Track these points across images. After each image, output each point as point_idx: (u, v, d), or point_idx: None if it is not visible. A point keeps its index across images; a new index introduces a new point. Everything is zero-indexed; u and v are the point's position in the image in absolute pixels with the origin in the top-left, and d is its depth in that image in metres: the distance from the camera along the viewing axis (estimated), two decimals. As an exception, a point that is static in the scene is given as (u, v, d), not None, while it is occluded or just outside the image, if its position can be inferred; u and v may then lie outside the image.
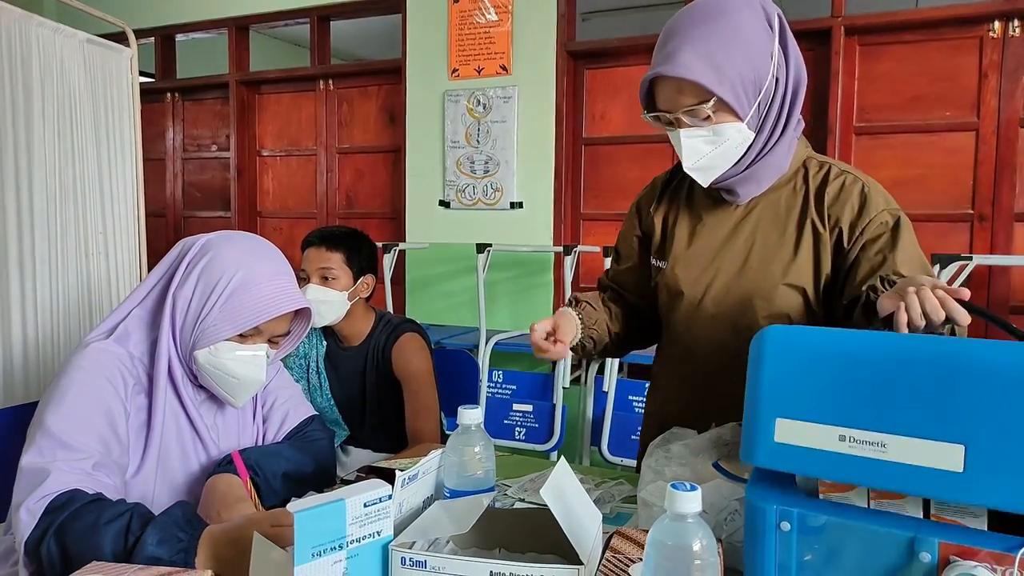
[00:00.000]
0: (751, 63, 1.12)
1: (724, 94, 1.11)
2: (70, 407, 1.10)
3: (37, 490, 1.00)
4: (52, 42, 1.99)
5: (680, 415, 1.27)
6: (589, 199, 3.81)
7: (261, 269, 1.21)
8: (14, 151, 1.89)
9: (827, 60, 3.20)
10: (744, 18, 1.13)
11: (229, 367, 1.19)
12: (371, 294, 2.06)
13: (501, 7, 3.73)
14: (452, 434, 0.98)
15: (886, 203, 1.21)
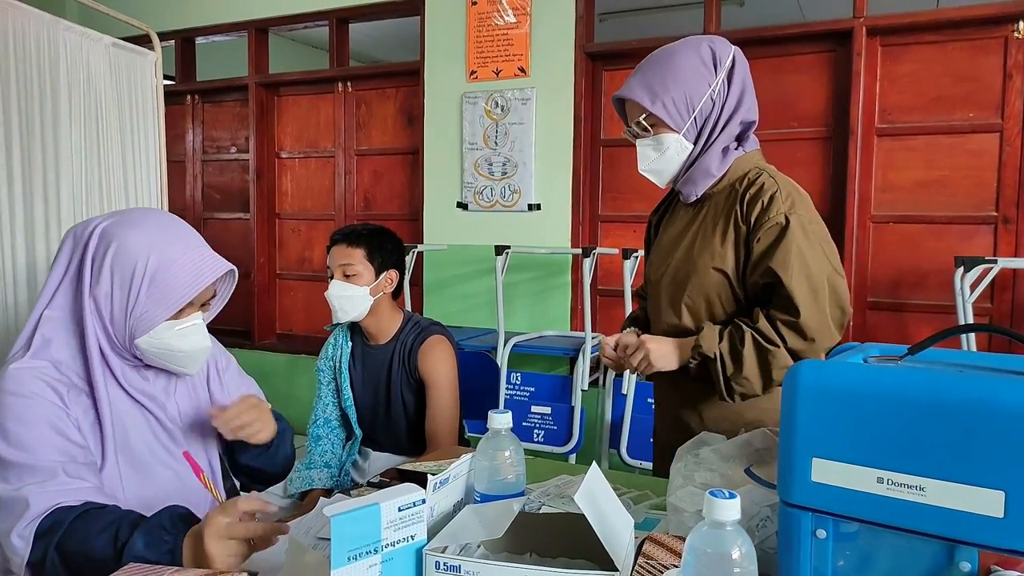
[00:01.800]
0: (683, 88, 1.44)
1: (657, 111, 1.45)
2: (16, 433, 1.11)
3: (23, 517, 1.04)
4: (79, 46, 2.02)
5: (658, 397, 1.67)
6: (607, 201, 3.80)
7: (172, 247, 1.22)
8: (42, 154, 1.91)
9: (848, 61, 3.18)
10: (684, 57, 1.46)
11: (174, 344, 1.22)
12: (396, 289, 2.07)
13: (519, 9, 3.74)
14: (482, 438, 0.98)
15: (790, 208, 1.38)
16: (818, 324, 1.35)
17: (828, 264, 1.39)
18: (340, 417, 2.14)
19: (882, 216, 3.22)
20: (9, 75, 1.81)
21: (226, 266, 1.28)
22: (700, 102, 1.44)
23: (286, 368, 4.48)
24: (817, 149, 3.34)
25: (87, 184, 2.05)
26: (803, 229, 1.36)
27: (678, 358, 1.46)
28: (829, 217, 3.30)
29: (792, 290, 1.34)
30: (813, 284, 1.35)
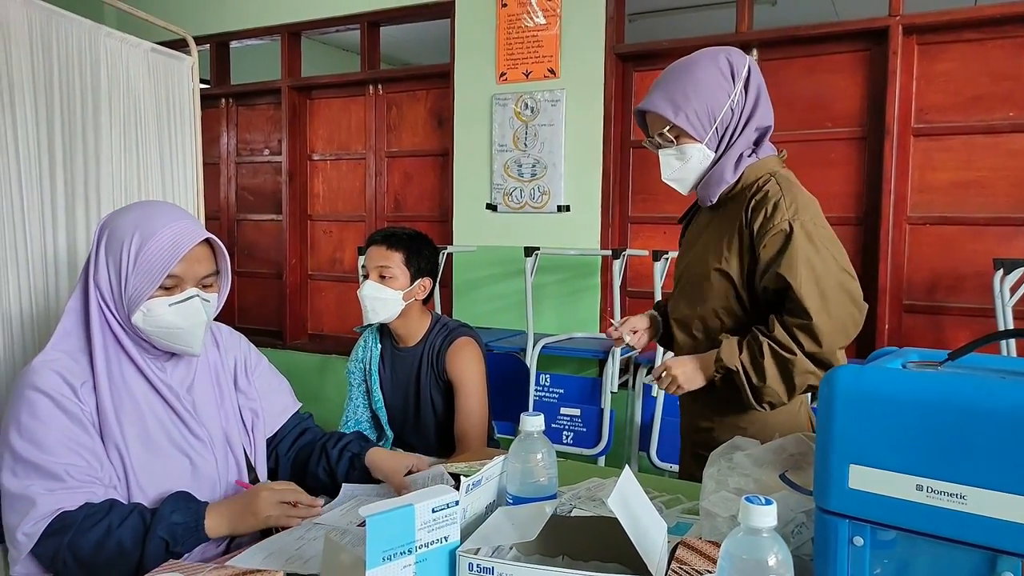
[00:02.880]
0: (705, 99, 1.49)
1: (680, 122, 1.50)
2: (29, 428, 1.17)
3: (27, 517, 1.11)
4: (119, 52, 2.06)
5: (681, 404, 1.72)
6: (637, 202, 3.78)
7: (154, 223, 1.25)
8: (83, 157, 1.95)
9: (884, 60, 3.13)
10: (704, 68, 1.51)
11: (168, 320, 1.24)
12: (428, 297, 2.08)
13: (549, 10, 3.74)
14: (514, 440, 0.98)
15: (793, 214, 1.41)
16: (830, 327, 1.38)
17: (836, 265, 1.41)
18: (371, 418, 2.16)
19: (918, 217, 3.16)
20: (53, 81, 1.85)
21: (203, 234, 1.28)
22: (721, 112, 1.50)
23: (317, 368, 4.53)
24: (852, 149, 3.29)
25: (126, 186, 2.09)
26: (807, 234, 1.40)
27: (704, 376, 1.50)
28: (864, 219, 3.25)
29: (802, 295, 1.37)
30: (821, 287, 1.38)
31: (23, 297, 1.77)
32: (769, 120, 1.54)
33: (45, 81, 1.83)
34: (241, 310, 4.84)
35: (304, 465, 1.51)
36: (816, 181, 3.34)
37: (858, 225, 3.29)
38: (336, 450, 1.50)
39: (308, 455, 1.52)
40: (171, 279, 1.25)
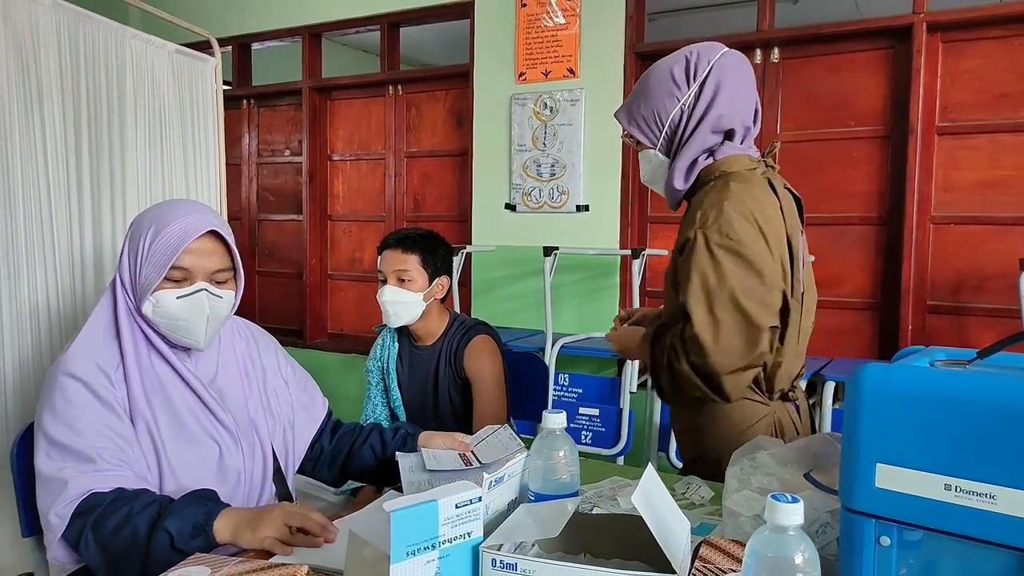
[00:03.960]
0: (653, 104, 1.49)
1: (632, 129, 1.55)
2: (64, 412, 1.19)
3: (59, 498, 1.13)
4: (144, 53, 2.09)
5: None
6: (656, 201, 3.77)
7: (168, 216, 1.28)
8: (109, 159, 1.98)
9: (908, 58, 3.10)
10: (658, 71, 1.52)
11: (172, 312, 1.26)
12: (446, 295, 2.09)
13: (569, 10, 3.73)
14: (536, 438, 0.99)
15: (703, 223, 1.38)
16: (715, 344, 1.35)
17: (734, 281, 1.36)
18: (389, 417, 2.17)
19: (943, 217, 3.13)
20: (80, 82, 1.88)
21: (208, 225, 1.28)
22: (669, 116, 1.49)
23: (337, 367, 4.55)
24: (875, 148, 3.25)
25: (150, 186, 2.12)
26: (708, 245, 1.37)
27: (635, 353, 1.58)
28: (887, 218, 3.22)
29: (689, 305, 1.37)
30: (711, 301, 1.36)
31: (51, 294, 1.80)
32: (730, 122, 1.47)
33: (72, 83, 1.85)
34: (262, 309, 4.88)
35: (348, 451, 1.52)
36: (838, 180, 3.32)
37: (881, 225, 3.25)
38: (390, 431, 1.53)
39: (352, 441, 1.53)
40: (180, 271, 1.26)
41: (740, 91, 1.48)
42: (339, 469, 1.53)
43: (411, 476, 1.33)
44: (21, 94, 1.71)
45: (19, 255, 1.72)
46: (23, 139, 1.72)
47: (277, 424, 1.43)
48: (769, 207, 1.43)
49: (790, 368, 1.49)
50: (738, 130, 1.49)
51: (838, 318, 3.35)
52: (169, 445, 1.25)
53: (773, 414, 1.48)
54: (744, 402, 1.45)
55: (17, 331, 1.70)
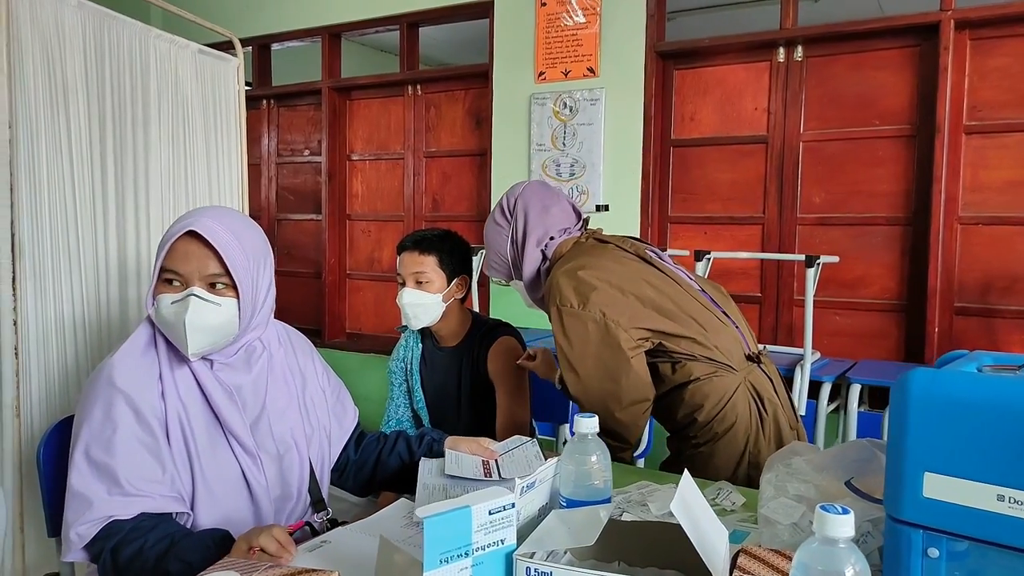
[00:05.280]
0: (493, 249, 1.86)
1: (492, 274, 1.92)
2: (100, 422, 1.19)
3: (82, 517, 1.13)
4: (168, 54, 2.09)
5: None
6: (677, 202, 3.73)
7: (183, 218, 1.26)
8: (133, 159, 1.98)
9: (935, 56, 3.05)
10: (489, 223, 1.87)
11: (165, 316, 1.24)
12: (466, 295, 2.08)
13: (589, 9, 3.71)
14: (568, 442, 0.97)
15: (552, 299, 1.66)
16: (584, 394, 1.64)
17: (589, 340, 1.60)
18: (412, 418, 2.15)
19: (971, 217, 3.07)
20: (105, 82, 1.88)
21: (190, 226, 1.22)
22: (506, 252, 1.82)
23: (356, 367, 4.55)
24: (900, 148, 3.21)
25: (174, 188, 2.12)
26: (558, 315, 1.64)
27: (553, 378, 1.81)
28: (913, 219, 3.17)
29: (562, 372, 1.67)
30: (569, 362, 1.65)
31: (76, 302, 1.80)
32: (544, 228, 1.76)
33: (98, 82, 1.86)
34: (280, 309, 4.80)
35: (374, 460, 1.51)
36: (862, 180, 3.27)
37: (907, 225, 3.20)
38: (416, 439, 1.53)
39: (377, 451, 1.52)
40: (173, 275, 1.24)
41: (548, 208, 1.77)
42: (365, 479, 1.52)
43: (427, 479, 1.31)
44: (47, 94, 1.71)
45: (44, 261, 1.72)
46: (49, 139, 1.73)
47: (315, 433, 1.42)
48: (601, 259, 1.67)
49: (728, 345, 1.65)
50: (557, 236, 1.77)
51: (863, 320, 3.30)
52: (204, 458, 1.24)
53: (745, 380, 1.64)
54: (712, 378, 1.60)
55: (43, 338, 1.71)
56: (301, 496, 1.36)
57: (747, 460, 1.60)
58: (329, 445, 1.46)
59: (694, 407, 1.62)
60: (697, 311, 1.65)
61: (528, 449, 1.45)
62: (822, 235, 3.38)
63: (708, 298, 1.73)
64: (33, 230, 1.69)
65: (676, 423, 1.69)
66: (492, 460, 1.42)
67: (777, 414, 1.63)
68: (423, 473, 1.32)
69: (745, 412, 1.60)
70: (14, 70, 1.62)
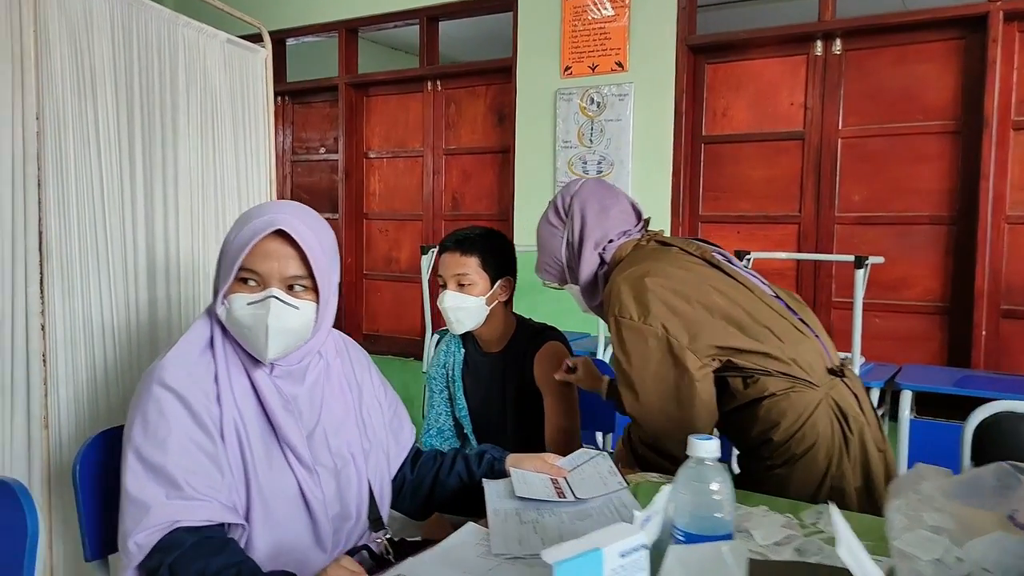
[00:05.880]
0: (547, 252, 1.76)
1: (544, 277, 1.81)
2: (155, 425, 1.09)
3: (141, 524, 1.04)
4: (196, 43, 1.99)
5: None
6: (708, 200, 3.63)
7: (253, 214, 1.19)
8: (162, 153, 1.88)
9: (983, 48, 2.94)
10: (541, 223, 1.77)
11: (238, 317, 1.15)
12: (510, 297, 1.97)
13: (618, 2, 3.60)
14: (683, 467, 0.86)
15: (613, 310, 1.52)
16: (639, 414, 1.53)
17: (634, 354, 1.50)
18: (453, 426, 2.05)
19: (1019, 216, 2.96)
20: (133, 72, 1.78)
21: (276, 224, 1.15)
22: (562, 254, 1.72)
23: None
24: (945, 144, 3.10)
25: (203, 177, 2.02)
26: (617, 327, 1.52)
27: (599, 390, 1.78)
28: (958, 218, 3.06)
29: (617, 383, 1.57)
30: (628, 378, 1.52)
31: (104, 306, 1.70)
32: (603, 230, 1.65)
33: (126, 73, 1.76)
34: (295, 310, 4.78)
35: (432, 480, 1.42)
36: (905, 177, 3.16)
37: (951, 224, 3.09)
38: (475, 457, 1.42)
39: (434, 470, 1.43)
40: (251, 274, 1.15)
41: (607, 209, 1.67)
42: (422, 500, 1.42)
43: (497, 504, 1.21)
44: (75, 84, 1.61)
45: (72, 261, 1.62)
46: (77, 131, 1.63)
47: (373, 449, 1.32)
48: (665, 263, 1.54)
49: (808, 358, 1.49)
50: (617, 239, 1.65)
51: (905, 322, 3.19)
52: (260, 467, 1.14)
53: (827, 396, 1.47)
54: (789, 394, 1.45)
55: (71, 343, 1.60)
56: (360, 516, 1.26)
57: (828, 484, 1.45)
58: (388, 462, 1.36)
59: (769, 425, 1.47)
60: (772, 320, 1.51)
61: (599, 464, 1.35)
62: (861, 235, 3.28)
63: (784, 305, 1.60)
64: (61, 228, 1.59)
65: (749, 442, 1.55)
66: (561, 478, 1.32)
67: (864, 434, 1.48)
68: (491, 497, 1.22)
69: (827, 431, 1.45)
70: (41, 59, 1.51)
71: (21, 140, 1.47)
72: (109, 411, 1.73)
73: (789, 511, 1.22)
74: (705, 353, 1.46)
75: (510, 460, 1.37)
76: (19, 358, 1.50)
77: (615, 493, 1.25)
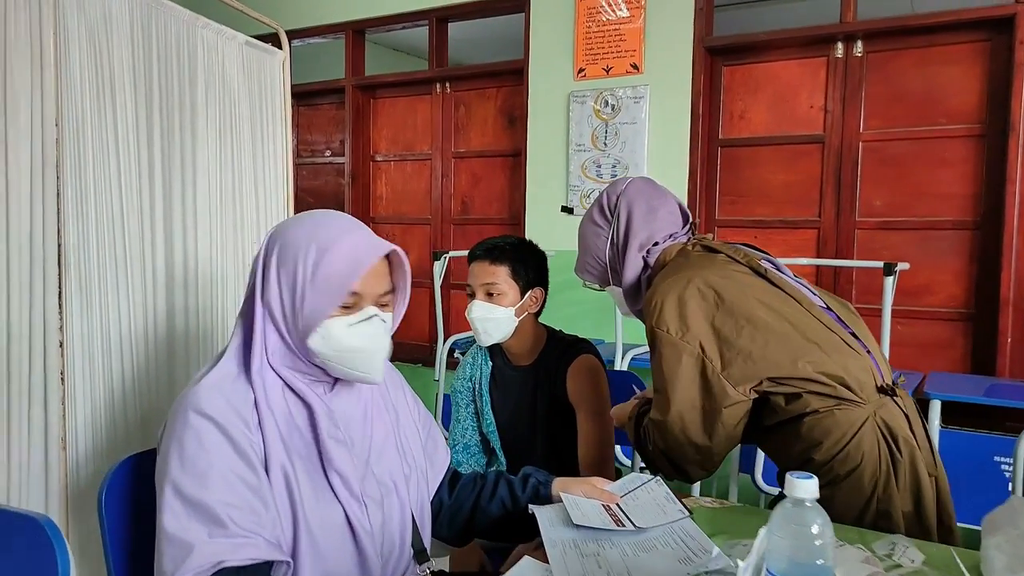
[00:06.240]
0: (590, 252, 1.70)
1: (585, 277, 1.77)
2: (194, 458, 1.02)
3: (183, 566, 0.98)
4: (215, 45, 1.92)
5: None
6: (725, 204, 3.57)
7: (329, 233, 1.11)
8: (181, 158, 1.82)
9: (1009, 50, 2.89)
10: (585, 222, 1.72)
11: (348, 342, 1.10)
12: (541, 308, 1.91)
13: (633, 3, 3.54)
14: (778, 507, 0.80)
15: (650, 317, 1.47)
16: (662, 425, 1.44)
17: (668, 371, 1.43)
18: (480, 442, 1.98)
19: (1045, 222, 2.91)
20: (152, 76, 1.72)
21: (386, 247, 1.14)
22: (605, 255, 1.66)
23: (381, 376, 4.38)
24: (969, 148, 3.04)
25: (221, 187, 1.95)
26: (658, 339, 1.46)
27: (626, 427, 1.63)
28: (983, 223, 3.01)
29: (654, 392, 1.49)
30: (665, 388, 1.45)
31: (122, 320, 1.63)
32: (648, 232, 1.60)
33: (145, 77, 1.69)
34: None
35: (472, 505, 1.35)
36: (928, 182, 3.11)
37: (976, 230, 3.04)
38: (519, 482, 1.35)
39: (475, 494, 1.36)
40: (351, 296, 1.10)
41: (655, 210, 1.61)
42: (461, 526, 1.35)
43: (552, 534, 1.15)
44: (94, 89, 1.54)
45: (91, 272, 1.55)
46: (96, 137, 1.56)
47: (412, 474, 1.25)
48: (709, 272, 1.48)
49: (857, 374, 1.41)
50: (662, 242, 1.61)
51: (927, 329, 3.14)
52: (307, 499, 1.07)
53: (874, 415, 1.39)
54: (833, 411, 1.38)
55: (89, 360, 1.53)
56: (404, 547, 1.20)
57: (874, 509, 1.37)
58: (428, 487, 1.30)
59: (811, 444, 1.39)
60: (820, 334, 1.44)
61: (654, 490, 1.28)
62: (883, 240, 3.22)
63: (834, 317, 1.53)
64: (79, 238, 1.52)
65: (790, 461, 1.47)
66: (614, 505, 1.26)
67: (915, 457, 1.39)
68: (545, 526, 1.15)
69: (873, 452, 1.38)
70: (60, 62, 1.44)
71: (40, 148, 1.40)
72: (127, 427, 1.66)
73: (859, 541, 1.15)
74: (741, 383, 1.39)
75: (557, 485, 1.31)
76: (36, 377, 1.43)
77: (677, 523, 1.18)
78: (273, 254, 1.12)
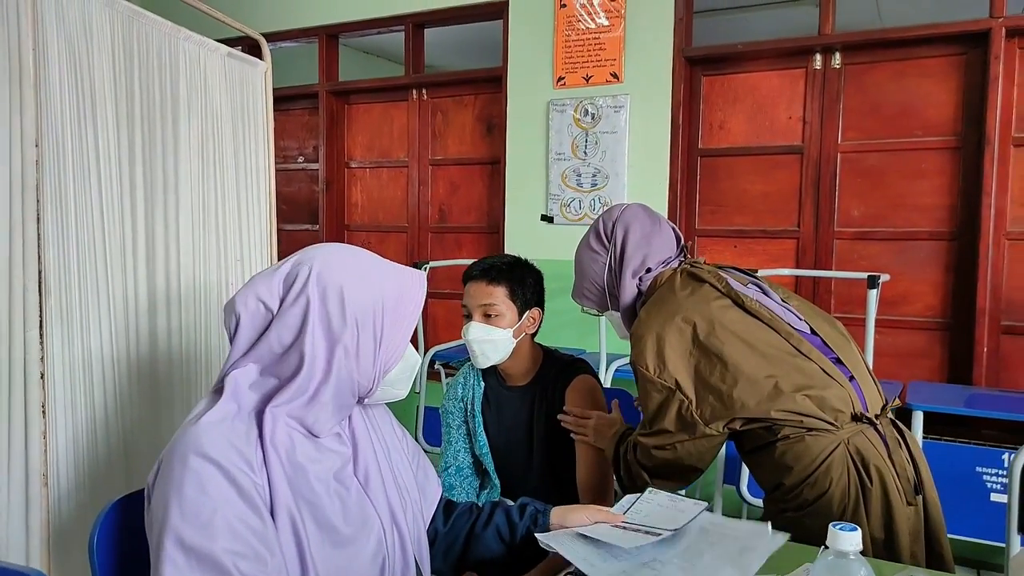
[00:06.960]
0: (588, 277, 1.73)
1: (583, 303, 1.79)
2: (195, 504, 0.96)
3: None
4: (197, 57, 1.85)
5: None
6: (705, 214, 3.58)
7: (390, 285, 1.15)
8: (163, 173, 1.75)
9: (984, 65, 2.94)
10: (582, 247, 1.75)
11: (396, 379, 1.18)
12: (538, 329, 1.88)
13: (613, 11, 3.53)
14: (821, 558, 0.78)
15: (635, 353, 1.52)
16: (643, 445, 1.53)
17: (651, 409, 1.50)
18: (472, 464, 1.94)
19: (1020, 232, 2.97)
20: (134, 89, 1.65)
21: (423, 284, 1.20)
22: (603, 280, 1.68)
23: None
24: (945, 160, 3.09)
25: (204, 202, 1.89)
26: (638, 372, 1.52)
27: (606, 445, 1.68)
28: (958, 234, 3.05)
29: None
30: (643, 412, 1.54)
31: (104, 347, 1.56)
32: (641, 258, 1.63)
33: (127, 91, 1.62)
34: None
35: (466, 536, 1.31)
36: (904, 193, 3.15)
37: (952, 240, 3.09)
38: (516, 510, 1.32)
39: (469, 524, 1.33)
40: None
41: (649, 237, 1.64)
42: (456, 557, 1.31)
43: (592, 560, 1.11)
44: (74, 105, 1.47)
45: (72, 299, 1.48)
46: (76, 156, 1.48)
47: (408, 507, 1.21)
48: (690, 307, 1.50)
49: (832, 402, 1.42)
50: (655, 268, 1.63)
51: (906, 338, 3.18)
52: (315, 545, 1.03)
53: (847, 442, 1.40)
54: (804, 437, 1.40)
55: (70, 391, 1.46)
56: None
57: None
58: (423, 520, 1.26)
59: (783, 468, 1.42)
60: (798, 365, 1.45)
61: (652, 498, 1.30)
62: (861, 250, 3.26)
63: (819, 342, 1.53)
64: (59, 262, 1.45)
65: (766, 484, 1.52)
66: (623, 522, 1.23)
67: (886, 485, 1.39)
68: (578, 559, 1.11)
69: (842, 479, 1.38)
70: (40, 80, 1.37)
71: (20, 170, 1.33)
72: (109, 457, 1.59)
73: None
74: (713, 422, 1.44)
75: (555, 514, 1.28)
76: (16, 411, 1.35)
77: (700, 516, 1.19)
78: (334, 300, 1.08)
